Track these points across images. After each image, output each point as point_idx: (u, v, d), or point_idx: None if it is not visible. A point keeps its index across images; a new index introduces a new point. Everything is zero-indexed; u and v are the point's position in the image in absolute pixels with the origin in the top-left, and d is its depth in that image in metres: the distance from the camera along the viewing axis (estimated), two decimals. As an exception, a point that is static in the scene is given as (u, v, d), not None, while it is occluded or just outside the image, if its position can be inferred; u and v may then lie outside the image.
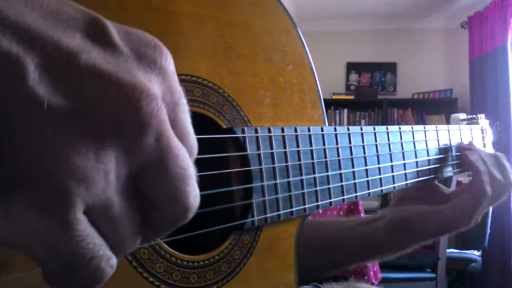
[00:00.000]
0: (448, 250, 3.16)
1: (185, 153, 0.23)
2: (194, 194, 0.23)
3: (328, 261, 0.75)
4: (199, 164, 0.41)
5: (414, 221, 0.71)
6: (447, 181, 0.74)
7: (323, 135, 0.53)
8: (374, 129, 0.60)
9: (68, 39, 0.20)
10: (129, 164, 0.21)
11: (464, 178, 0.79)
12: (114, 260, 0.21)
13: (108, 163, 0.20)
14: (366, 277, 2.13)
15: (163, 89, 0.22)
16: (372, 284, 1.78)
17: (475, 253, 3.56)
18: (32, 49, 0.19)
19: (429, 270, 2.99)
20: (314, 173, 0.52)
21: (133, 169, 0.21)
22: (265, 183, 0.47)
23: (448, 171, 0.74)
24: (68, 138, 0.19)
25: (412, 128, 0.67)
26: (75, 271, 0.20)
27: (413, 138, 0.67)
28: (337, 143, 0.55)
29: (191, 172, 0.23)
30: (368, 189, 0.58)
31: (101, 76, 0.20)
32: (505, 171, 0.73)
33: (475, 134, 0.81)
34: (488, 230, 3.34)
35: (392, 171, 0.62)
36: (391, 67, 4.73)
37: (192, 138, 0.24)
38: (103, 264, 0.21)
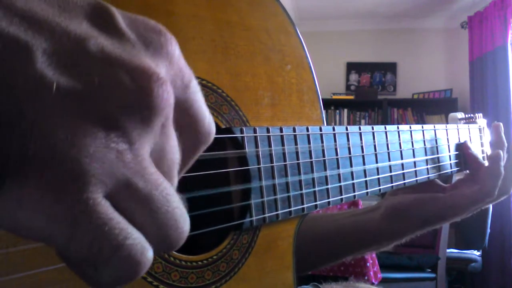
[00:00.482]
0: (448, 250, 3.16)
1: (176, 139, 0.23)
2: (176, 180, 0.24)
3: (324, 254, 0.75)
4: (198, 164, 0.41)
5: (411, 207, 0.71)
6: (447, 180, 0.75)
7: (321, 135, 0.53)
8: (373, 128, 0.60)
9: (75, 25, 0.20)
10: (145, 146, 0.21)
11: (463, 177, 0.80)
12: (150, 253, 0.20)
13: (120, 143, 0.20)
14: (366, 277, 2.13)
15: (172, 74, 0.22)
16: (372, 284, 1.78)
17: (475, 253, 3.56)
18: (40, 34, 0.19)
19: (429, 270, 2.99)
20: (312, 172, 0.52)
21: (150, 151, 0.21)
22: (263, 183, 0.47)
23: (447, 170, 0.74)
24: (77, 118, 0.19)
25: (410, 127, 0.67)
26: (102, 261, 0.19)
27: (411, 138, 0.67)
28: (335, 143, 0.55)
29: (177, 160, 0.23)
30: (366, 188, 0.59)
31: (110, 60, 0.20)
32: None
33: (473, 133, 0.82)
34: (488, 230, 3.34)
35: (391, 171, 0.62)
36: (391, 67, 4.73)
37: (208, 117, 0.24)
38: (135, 255, 0.20)
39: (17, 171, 0.19)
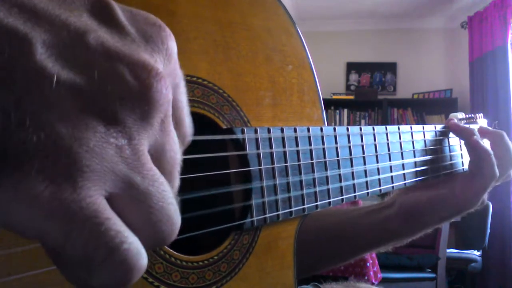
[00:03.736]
0: (448, 250, 3.16)
1: (176, 137, 0.23)
2: (178, 179, 0.24)
3: (342, 251, 0.75)
4: (199, 164, 0.41)
5: (426, 206, 0.72)
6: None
7: (322, 135, 0.53)
8: (373, 129, 0.60)
9: (75, 18, 0.20)
10: (144, 142, 0.21)
11: None
12: (144, 259, 0.20)
13: (119, 138, 0.20)
14: (366, 277, 2.14)
15: (168, 71, 0.22)
16: (372, 284, 1.79)
17: (475, 253, 3.57)
18: (39, 26, 0.19)
19: (429, 270, 2.99)
20: (313, 173, 0.52)
21: (149, 148, 0.21)
22: (264, 183, 0.47)
23: (447, 169, 0.74)
24: (78, 111, 0.19)
25: (411, 128, 0.67)
26: (96, 263, 0.19)
27: (412, 138, 0.67)
28: (336, 143, 0.55)
29: (180, 157, 0.23)
30: (367, 189, 0.59)
31: (110, 54, 0.20)
32: (508, 150, 0.74)
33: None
34: (488, 230, 3.34)
35: (391, 171, 0.62)
36: (391, 67, 4.73)
37: (187, 122, 0.25)
38: (130, 260, 0.19)
39: (15, 163, 0.18)
